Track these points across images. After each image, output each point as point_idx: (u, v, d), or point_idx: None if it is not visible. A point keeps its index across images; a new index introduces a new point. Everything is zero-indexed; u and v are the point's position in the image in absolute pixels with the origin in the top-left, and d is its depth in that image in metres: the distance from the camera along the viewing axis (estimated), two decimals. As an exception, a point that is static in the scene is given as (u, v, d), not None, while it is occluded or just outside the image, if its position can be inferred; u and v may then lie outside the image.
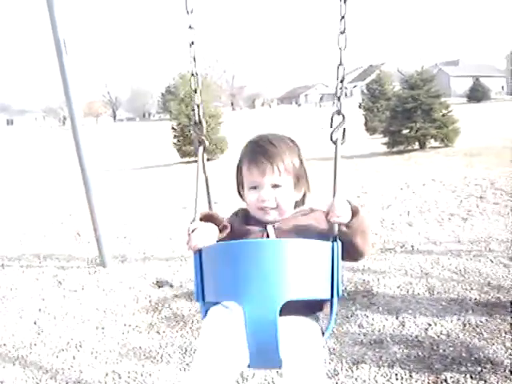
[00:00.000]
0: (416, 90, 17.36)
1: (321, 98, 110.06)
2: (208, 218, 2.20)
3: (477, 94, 68.33)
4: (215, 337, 1.96)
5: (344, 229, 2.09)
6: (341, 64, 2.21)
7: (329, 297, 2.02)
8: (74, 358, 3.82)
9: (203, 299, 2.09)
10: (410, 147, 17.28)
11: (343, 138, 2.17)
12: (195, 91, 2.48)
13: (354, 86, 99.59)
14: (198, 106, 2.46)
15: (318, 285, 1.99)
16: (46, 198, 12.37)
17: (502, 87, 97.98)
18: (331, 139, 2.17)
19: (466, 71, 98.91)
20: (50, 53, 5.74)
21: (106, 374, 3.54)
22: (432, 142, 17.33)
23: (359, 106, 30.44)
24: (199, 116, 2.46)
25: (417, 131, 16.84)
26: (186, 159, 19.80)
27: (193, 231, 2.10)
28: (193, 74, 2.48)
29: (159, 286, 5.23)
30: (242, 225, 2.26)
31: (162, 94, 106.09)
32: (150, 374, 3.49)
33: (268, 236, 2.19)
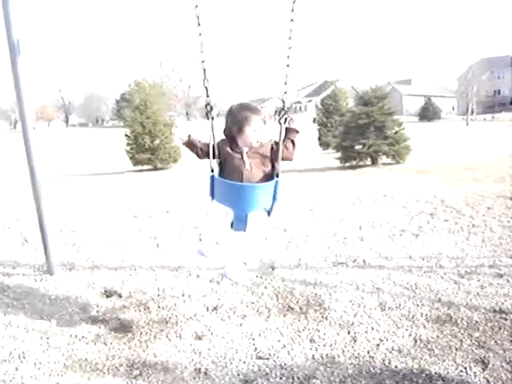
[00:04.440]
0: (369, 107, 17.61)
1: (275, 112, 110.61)
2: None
3: (428, 113, 70.14)
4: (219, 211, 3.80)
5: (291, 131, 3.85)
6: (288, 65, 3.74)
7: (271, 205, 3.78)
8: (16, 369, 3.67)
9: (213, 197, 3.81)
10: (362, 163, 17.51)
11: (285, 122, 3.78)
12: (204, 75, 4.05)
13: (309, 101, 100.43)
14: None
15: (269, 200, 3.73)
16: (-8, 203, 12.02)
17: (453, 107, 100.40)
18: (279, 122, 3.78)
19: (418, 90, 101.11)
20: (2, 53, 5.58)
21: (50, 387, 3.41)
22: (384, 159, 17.61)
23: (313, 121, 30.74)
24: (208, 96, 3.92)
25: (369, 147, 17.08)
26: (139, 167, 19.62)
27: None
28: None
29: (107, 296, 5.11)
30: (228, 149, 3.76)
31: (117, 101, 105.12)
32: (96, 387, 3.38)
33: (243, 160, 3.70)
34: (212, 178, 3.75)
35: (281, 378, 3.39)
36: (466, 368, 3.41)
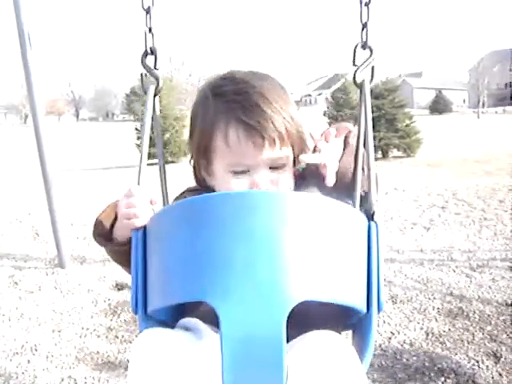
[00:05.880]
0: (380, 100, 17.54)
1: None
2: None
3: (439, 106, 69.75)
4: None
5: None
6: None
7: (364, 307, 1.22)
8: (28, 361, 3.68)
9: (145, 309, 1.26)
10: (373, 156, 17.44)
11: (372, 78, 1.55)
12: (147, 11, 1.64)
13: (319, 94, 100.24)
14: (150, 30, 1.66)
15: (351, 284, 1.16)
16: (4, 196, 12.07)
17: (464, 100, 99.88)
18: (354, 81, 1.53)
19: (428, 83, 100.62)
20: (12, 47, 5.59)
21: (62, 379, 3.42)
22: (395, 152, 17.55)
23: (324, 114, 30.67)
24: (153, 43, 1.66)
25: (380, 140, 17.01)
26: (150, 161, 19.51)
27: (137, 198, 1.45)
28: None
29: (119, 289, 5.12)
30: None
31: (127, 95, 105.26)
32: (108, 380, 3.38)
33: None
34: (142, 235, 1.36)
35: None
36: (478, 361, 3.39)
